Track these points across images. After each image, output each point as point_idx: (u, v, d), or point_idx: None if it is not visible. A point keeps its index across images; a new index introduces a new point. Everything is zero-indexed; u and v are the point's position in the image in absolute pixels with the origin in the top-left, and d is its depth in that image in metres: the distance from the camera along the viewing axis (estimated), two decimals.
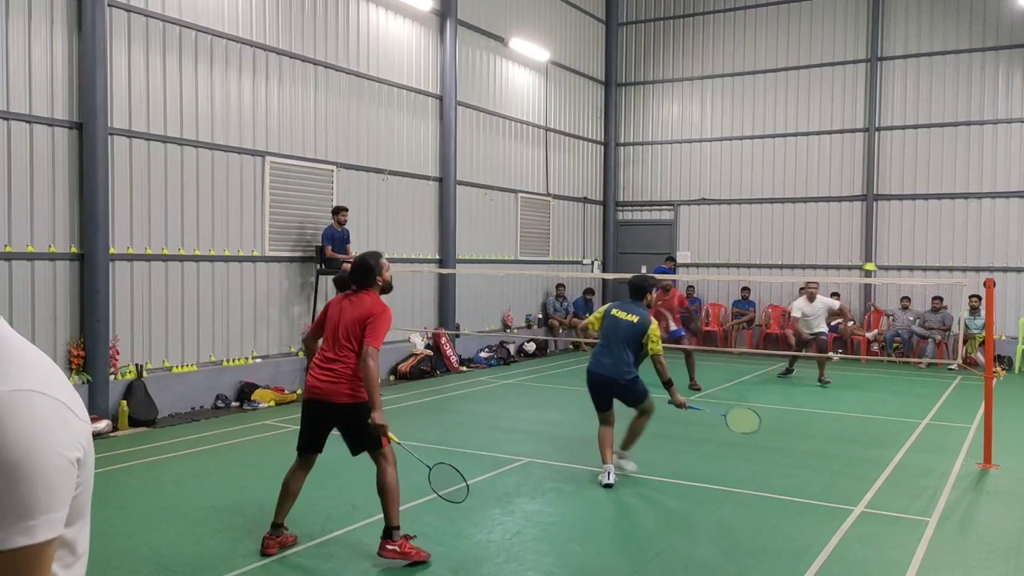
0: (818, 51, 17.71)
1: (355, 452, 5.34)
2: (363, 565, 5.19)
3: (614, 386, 7.27)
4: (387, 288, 5.44)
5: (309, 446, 5.46)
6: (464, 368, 14.43)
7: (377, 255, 5.47)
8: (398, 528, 5.21)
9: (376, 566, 5.18)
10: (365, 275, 5.35)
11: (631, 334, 7.26)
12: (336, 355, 5.23)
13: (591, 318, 7.76)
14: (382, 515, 5.26)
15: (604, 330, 7.43)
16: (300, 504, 6.45)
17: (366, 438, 5.20)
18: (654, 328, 7.29)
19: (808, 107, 17.83)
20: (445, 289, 14.68)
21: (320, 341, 5.48)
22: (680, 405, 7.39)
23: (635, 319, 7.30)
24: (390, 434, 5.12)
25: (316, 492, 6.86)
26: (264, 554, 5.28)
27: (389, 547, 5.16)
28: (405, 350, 13.58)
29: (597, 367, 7.35)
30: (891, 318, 16.39)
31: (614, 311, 7.43)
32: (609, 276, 19.11)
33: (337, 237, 11.59)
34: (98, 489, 5.74)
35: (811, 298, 13.32)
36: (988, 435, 7.95)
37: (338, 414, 5.27)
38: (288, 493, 5.43)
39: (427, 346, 13.95)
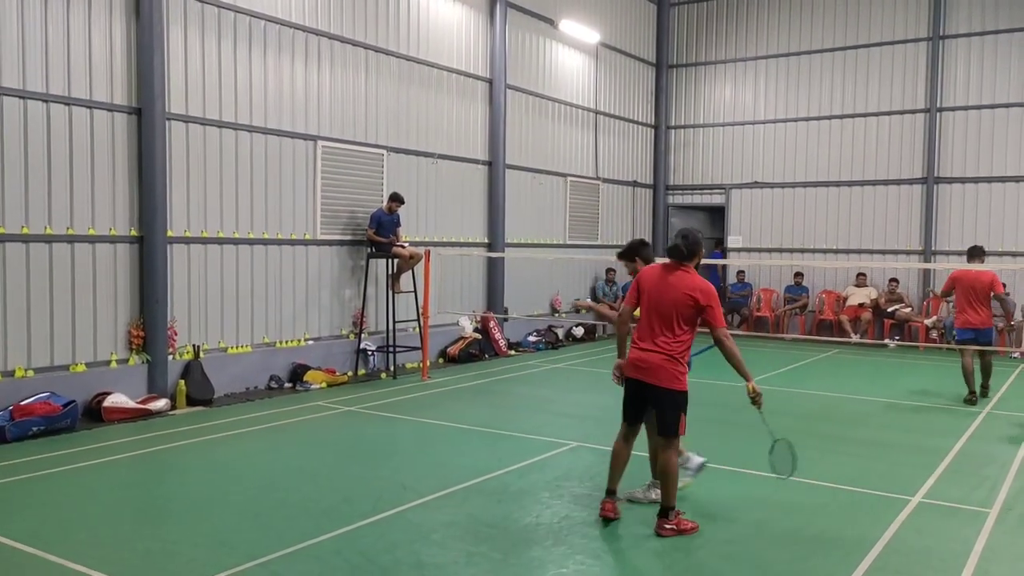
0: (877, 30, 17.21)
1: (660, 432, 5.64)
2: (415, 546, 5.24)
3: None
4: None
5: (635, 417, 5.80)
6: (512, 352, 14.46)
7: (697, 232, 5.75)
8: (674, 508, 5.53)
9: (431, 544, 5.23)
10: (693, 248, 5.62)
11: None
12: (666, 333, 5.51)
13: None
14: (666, 496, 5.54)
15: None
16: (353, 483, 6.56)
17: (672, 421, 5.57)
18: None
19: (866, 87, 17.35)
20: (494, 273, 14.69)
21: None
22: None
23: None
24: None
25: (369, 472, 6.96)
26: (602, 516, 5.67)
27: (667, 526, 5.48)
28: (454, 333, 13.65)
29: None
30: (950, 304, 15.94)
31: None
32: (660, 260, 18.94)
33: (385, 220, 11.66)
34: (157, 466, 5.90)
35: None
36: None
37: (655, 394, 5.57)
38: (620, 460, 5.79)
39: (476, 329, 14.00)
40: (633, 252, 6.55)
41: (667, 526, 5.49)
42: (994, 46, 16.14)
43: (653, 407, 5.67)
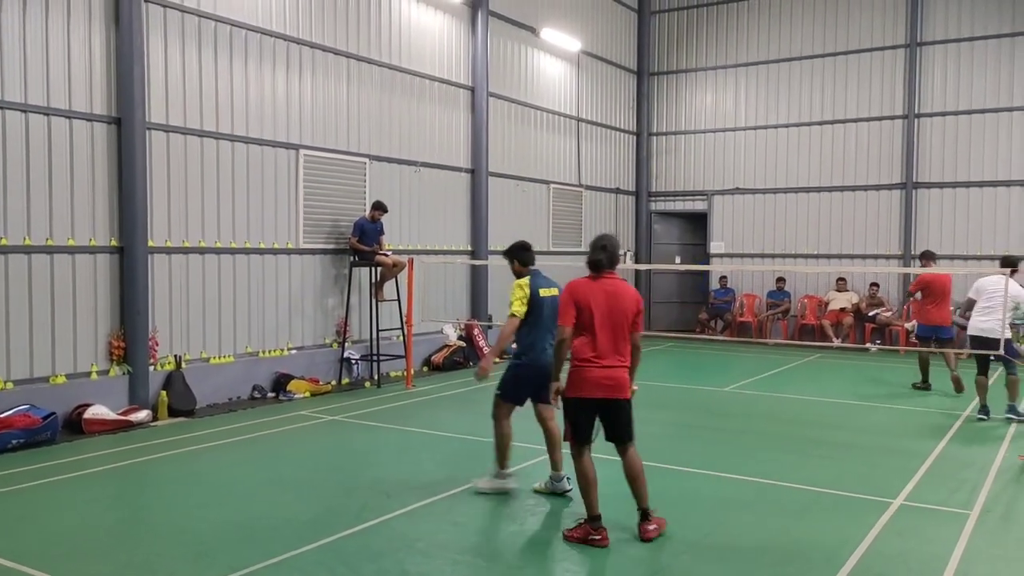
0: (856, 37, 17.40)
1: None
2: (399, 555, 5.23)
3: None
4: None
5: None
6: (497, 360, 14.40)
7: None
8: (652, 509, 5.54)
9: (416, 553, 5.21)
10: (615, 256, 5.67)
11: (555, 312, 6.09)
12: (620, 345, 5.49)
13: (519, 307, 6.32)
14: (640, 499, 5.55)
15: (546, 312, 6.36)
16: (336, 493, 6.54)
17: (630, 427, 5.57)
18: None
19: (845, 94, 17.53)
20: (477, 281, 14.70)
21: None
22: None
23: (557, 292, 6.40)
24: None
25: (352, 482, 6.94)
26: (604, 546, 5.38)
27: (651, 527, 5.48)
28: (438, 341, 13.63)
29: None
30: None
31: (541, 291, 6.45)
32: (642, 267, 19.03)
33: (368, 229, 11.64)
34: (138, 478, 5.85)
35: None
36: None
37: (614, 406, 5.49)
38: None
39: (460, 337, 13.99)
40: (511, 254, 6.68)
41: (651, 527, 5.49)
42: (970, 52, 16.36)
43: (612, 419, 5.51)
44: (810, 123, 17.89)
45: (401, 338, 12.11)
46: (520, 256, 6.64)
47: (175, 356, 9.80)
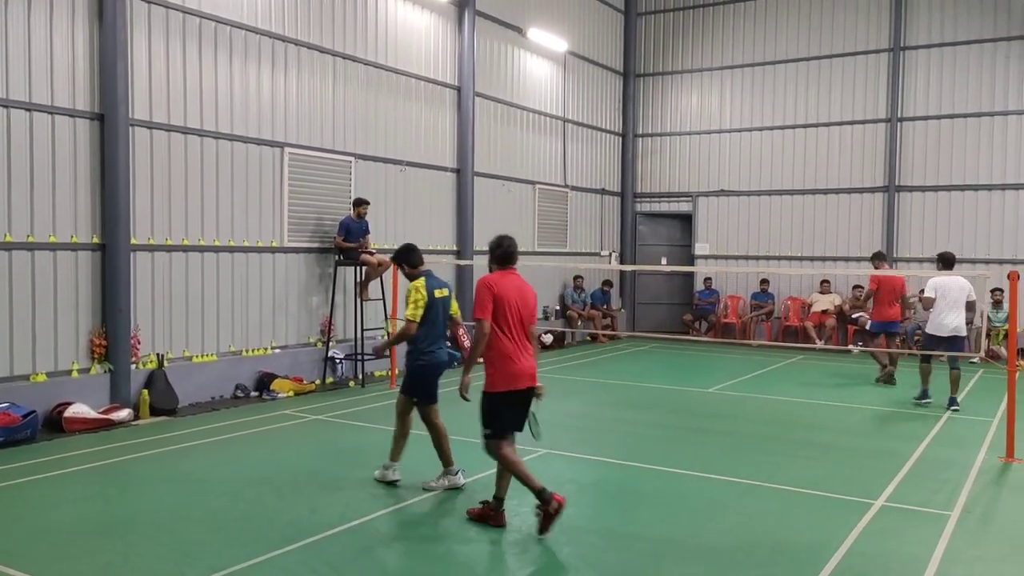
0: (840, 40, 17.52)
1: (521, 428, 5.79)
2: (382, 554, 5.21)
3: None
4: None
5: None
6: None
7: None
8: (544, 488, 5.48)
9: (399, 553, 5.20)
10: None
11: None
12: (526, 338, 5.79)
13: (415, 311, 6.46)
14: (529, 486, 5.52)
15: (441, 313, 6.70)
16: (319, 493, 6.51)
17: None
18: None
19: (829, 97, 17.65)
20: (463, 281, 14.68)
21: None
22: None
23: (448, 292, 6.78)
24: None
25: (336, 482, 6.91)
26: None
27: (550, 510, 5.42)
28: None
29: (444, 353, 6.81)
30: (912, 311, 16.23)
31: (436, 292, 6.60)
32: (627, 268, 19.08)
33: (354, 228, 11.61)
34: (119, 478, 5.80)
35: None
36: (1011, 429, 7.88)
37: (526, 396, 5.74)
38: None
39: None
40: (398, 259, 6.86)
41: (550, 511, 5.43)
42: (953, 57, 16.51)
43: (525, 409, 5.80)
44: (794, 126, 18.00)
45: (386, 337, 12.07)
46: (408, 259, 6.82)
47: (157, 355, 9.73)
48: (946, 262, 10.57)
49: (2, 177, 8.39)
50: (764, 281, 17.95)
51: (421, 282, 6.55)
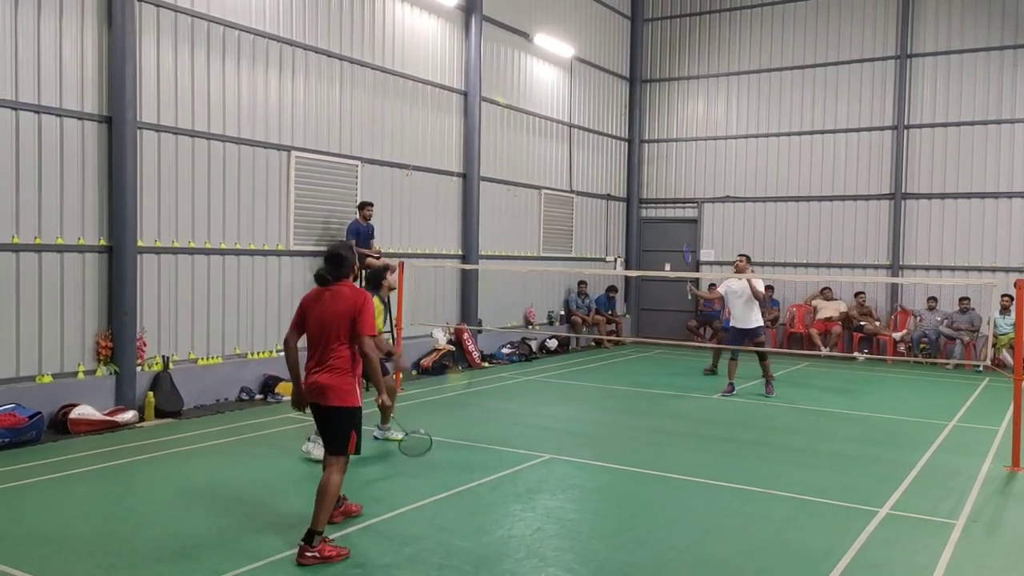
0: (846, 48, 17.51)
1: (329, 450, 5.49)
2: (384, 559, 5.21)
3: None
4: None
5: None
6: (486, 364, 14.45)
7: (350, 247, 5.86)
8: (320, 533, 5.15)
9: (402, 557, 5.19)
10: (339, 266, 5.52)
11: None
12: (327, 353, 5.49)
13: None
14: (315, 518, 5.18)
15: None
16: None
17: (340, 438, 5.41)
18: None
19: (835, 104, 17.63)
20: (467, 285, 14.69)
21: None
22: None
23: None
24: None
25: None
26: (331, 521, 5.48)
27: (308, 554, 5.06)
28: (427, 345, 13.61)
29: None
30: (918, 319, 16.20)
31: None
32: (632, 273, 19.06)
33: (362, 232, 11.63)
34: (123, 480, 5.80)
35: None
36: (1017, 437, 7.83)
37: (327, 414, 5.45)
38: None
39: (449, 341, 13.97)
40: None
41: (308, 554, 5.07)
42: (960, 65, 16.49)
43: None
44: (800, 133, 17.99)
45: (390, 341, 12.06)
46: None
47: (163, 357, 9.75)
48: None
49: (10, 179, 8.43)
50: (769, 287, 17.90)
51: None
